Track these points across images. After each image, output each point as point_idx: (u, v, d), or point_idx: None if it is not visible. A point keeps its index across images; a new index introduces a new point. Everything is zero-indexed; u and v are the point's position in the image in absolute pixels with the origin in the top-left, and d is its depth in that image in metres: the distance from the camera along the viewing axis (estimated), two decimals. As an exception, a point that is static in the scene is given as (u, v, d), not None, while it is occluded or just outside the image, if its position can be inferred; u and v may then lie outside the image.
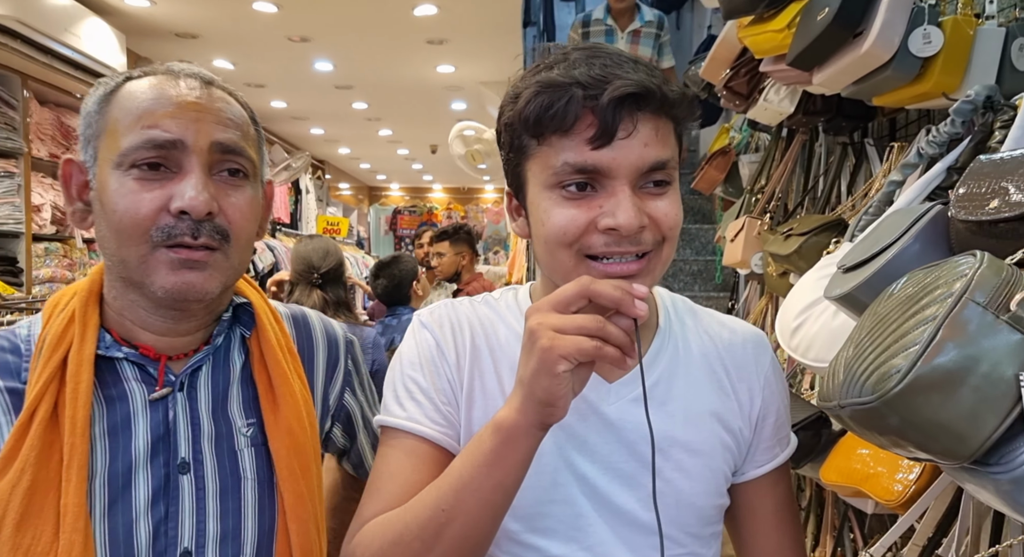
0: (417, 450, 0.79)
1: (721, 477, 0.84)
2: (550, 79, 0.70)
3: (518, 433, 0.67)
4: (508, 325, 0.85)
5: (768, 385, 0.88)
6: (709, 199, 4.63)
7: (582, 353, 0.62)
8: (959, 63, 1.41)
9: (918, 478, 1.34)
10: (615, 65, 0.70)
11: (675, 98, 0.71)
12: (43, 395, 0.77)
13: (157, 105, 0.78)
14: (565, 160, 0.70)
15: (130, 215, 0.77)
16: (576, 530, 0.78)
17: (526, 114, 0.71)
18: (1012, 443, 0.56)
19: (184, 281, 0.79)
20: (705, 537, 0.83)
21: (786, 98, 2.18)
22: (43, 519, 0.74)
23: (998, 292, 0.59)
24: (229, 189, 0.82)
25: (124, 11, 4.19)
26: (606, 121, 0.68)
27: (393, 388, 0.83)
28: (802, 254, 1.84)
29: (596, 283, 0.64)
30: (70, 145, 4.00)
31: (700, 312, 0.92)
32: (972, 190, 0.86)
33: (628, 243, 0.71)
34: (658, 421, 0.78)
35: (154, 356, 0.84)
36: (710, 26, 4.11)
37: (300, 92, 6.31)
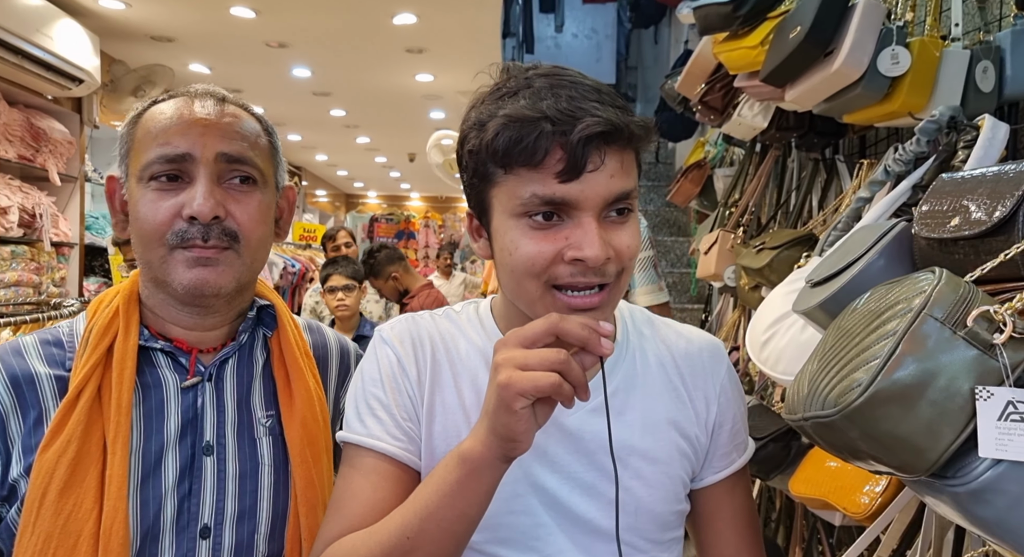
0: (378, 468, 0.79)
1: (679, 484, 0.85)
2: (519, 113, 0.70)
3: (482, 466, 0.68)
4: (469, 339, 0.85)
5: (724, 392, 0.90)
6: (684, 212, 4.67)
7: (538, 391, 0.63)
8: (926, 84, 1.44)
9: (884, 490, 1.36)
10: (581, 97, 0.71)
11: (640, 133, 0.73)
12: (89, 378, 0.87)
13: (170, 124, 0.89)
14: (533, 192, 0.71)
15: (149, 221, 0.88)
16: (536, 540, 0.79)
17: (495, 146, 0.71)
18: (968, 456, 0.57)
19: (199, 277, 0.88)
20: (665, 542, 0.85)
21: (760, 114, 2.21)
22: (84, 488, 0.82)
23: (955, 308, 0.60)
24: (238, 195, 0.91)
25: (98, 13, 4.14)
26: (575, 157, 0.69)
27: (355, 404, 0.83)
28: (773, 268, 1.86)
29: (564, 321, 0.65)
30: (39, 147, 3.93)
31: (657, 322, 0.93)
32: (934, 208, 0.88)
33: (593, 274, 0.72)
34: (616, 430, 0.80)
35: (187, 349, 0.94)
36: (687, 41, 4.16)
37: (277, 98, 6.27)
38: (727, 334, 2.72)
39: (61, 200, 4.19)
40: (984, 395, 0.56)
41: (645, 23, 6.14)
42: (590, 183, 0.70)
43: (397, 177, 12.73)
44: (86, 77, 3.97)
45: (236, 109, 0.94)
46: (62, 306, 2.49)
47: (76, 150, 4.25)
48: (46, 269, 4.00)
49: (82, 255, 4.36)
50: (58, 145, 4.07)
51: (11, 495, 0.85)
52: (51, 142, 4.00)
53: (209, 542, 0.88)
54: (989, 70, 1.41)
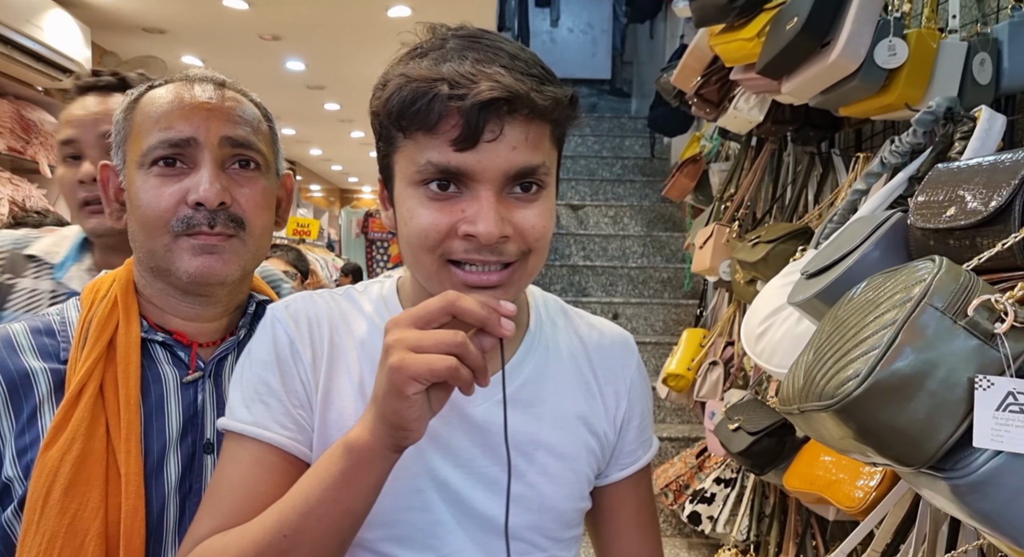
0: (263, 459, 0.72)
1: (584, 480, 0.82)
2: (417, 72, 0.65)
3: (371, 456, 0.63)
4: (370, 321, 0.79)
5: (633, 387, 0.87)
6: (679, 206, 4.67)
7: (433, 374, 0.58)
8: (923, 75, 1.43)
9: (878, 485, 1.36)
10: (488, 60, 0.65)
11: (546, 104, 0.66)
12: (92, 373, 0.84)
13: (172, 108, 0.86)
14: (428, 159, 0.66)
15: (152, 208, 0.85)
16: (434, 538, 0.74)
17: (390, 107, 0.67)
18: (967, 448, 0.56)
19: (205, 265, 0.85)
20: (565, 540, 0.81)
21: (755, 107, 2.20)
22: (90, 486, 0.80)
23: (956, 297, 0.59)
24: (242, 180, 0.89)
25: (89, 3, 4.11)
26: (470, 124, 0.64)
27: (240, 389, 0.76)
28: (769, 262, 1.85)
29: (462, 299, 0.61)
30: (30, 139, 3.89)
31: (571, 313, 0.89)
32: (930, 198, 0.87)
33: (488, 252, 0.67)
34: (524, 423, 0.77)
35: (187, 342, 0.91)
36: (682, 35, 4.15)
37: (271, 91, 6.24)
38: (722, 329, 2.72)
39: (52, 192, 4.15)
40: (984, 384, 0.55)
41: (641, 18, 6.11)
42: (488, 154, 0.65)
43: (392, 172, 12.68)
44: (77, 68, 3.93)
45: (236, 94, 0.92)
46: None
47: (67, 142, 4.22)
48: (37, 262, 3.97)
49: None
50: (49, 137, 4.03)
51: (3, 496, 0.82)
52: (41, 134, 3.96)
53: None
54: (986, 62, 1.41)
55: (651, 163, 5.51)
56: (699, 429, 3.28)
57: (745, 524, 2.37)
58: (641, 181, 5.31)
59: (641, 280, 4.39)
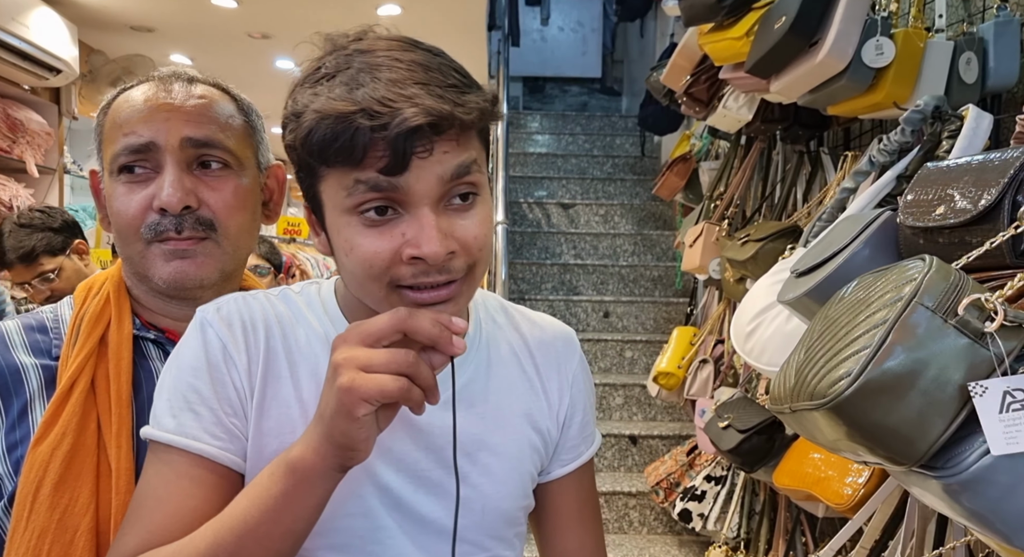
0: (191, 471, 0.68)
1: (528, 479, 0.81)
2: (332, 107, 0.61)
3: (314, 476, 0.61)
4: (308, 325, 0.76)
5: (576, 383, 0.86)
6: (670, 205, 4.68)
7: (385, 396, 0.57)
8: (910, 74, 1.44)
9: (867, 482, 1.37)
10: (403, 79, 0.62)
11: (472, 118, 0.63)
12: (83, 368, 0.83)
13: (133, 112, 0.85)
14: (356, 178, 0.63)
15: (122, 216, 0.85)
16: (375, 544, 0.72)
17: (309, 144, 0.63)
18: (959, 446, 0.56)
19: (178, 270, 0.84)
20: (509, 539, 0.80)
21: (744, 105, 2.21)
22: (81, 481, 0.79)
23: (946, 296, 0.59)
24: (212, 181, 0.86)
25: (77, 2, 4.06)
26: (398, 153, 0.61)
27: (167, 396, 0.71)
28: (758, 260, 1.86)
29: (414, 317, 0.59)
30: (16, 138, 3.86)
31: (511, 309, 0.88)
32: (919, 197, 0.87)
33: (436, 272, 0.65)
34: (468, 424, 0.75)
35: (177, 340, 0.88)
36: (672, 34, 4.15)
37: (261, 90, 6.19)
38: (712, 327, 2.73)
39: (39, 192, 4.12)
40: (978, 390, 0.55)
41: (631, 16, 6.13)
42: (422, 170, 0.62)
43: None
44: (64, 67, 3.89)
45: (206, 89, 0.89)
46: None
47: (54, 141, 4.17)
48: (23, 263, 3.93)
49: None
50: (36, 136, 3.99)
51: None
52: (28, 133, 3.92)
53: None
54: (972, 61, 1.42)
55: (642, 162, 5.52)
56: (689, 427, 3.29)
57: (735, 521, 2.38)
58: (632, 179, 5.32)
59: (632, 278, 4.40)
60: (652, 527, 3.21)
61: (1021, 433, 0.53)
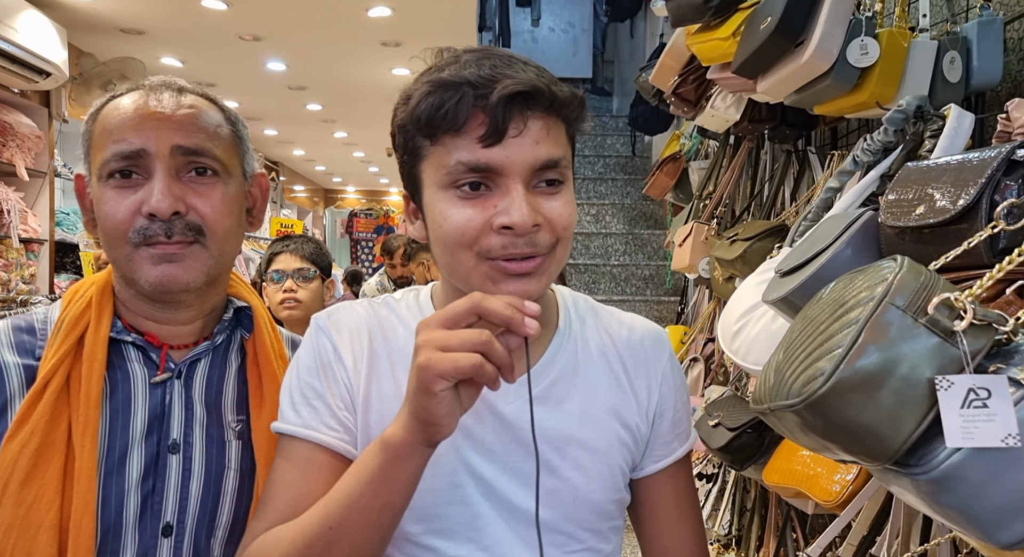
0: (312, 458, 0.78)
1: (619, 473, 0.85)
2: (440, 79, 0.71)
3: (404, 451, 0.66)
4: (407, 326, 0.84)
5: (666, 381, 0.90)
6: (661, 204, 4.69)
7: (459, 372, 0.61)
8: (894, 74, 1.45)
9: (855, 479, 1.38)
10: (504, 65, 0.71)
11: (564, 97, 0.72)
12: (57, 369, 0.86)
13: (124, 119, 0.88)
14: (458, 159, 0.70)
15: (111, 220, 0.87)
16: (474, 530, 0.78)
17: (417, 114, 0.71)
18: (930, 444, 0.57)
19: (165, 273, 0.87)
20: (604, 532, 0.85)
21: (732, 105, 2.22)
22: (46, 479, 0.82)
23: (916, 296, 0.60)
24: (199, 188, 0.89)
25: (65, 5, 4.05)
26: (496, 119, 0.69)
27: (289, 394, 0.82)
28: (746, 259, 1.87)
29: (487, 300, 0.64)
30: (6, 141, 3.84)
31: (601, 310, 0.93)
32: (900, 197, 0.88)
33: (523, 243, 0.71)
34: (556, 420, 0.81)
35: (157, 344, 0.93)
36: (662, 34, 4.16)
37: (252, 92, 6.18)
38: (703, 325, 2.74)
39: (30, 196, 4.11)
40: (944, 385, 0.56)
41: (621, 17, 6.14)
42: (514, 148, 0.70)
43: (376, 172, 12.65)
44: (53, 70, 3.88)
45: (195, 99, 0.92)
46: (30, 303, 2.44)
47: (44, 145, 4.16)
48: (15, 266, 3.92)
49: (52, 252, 4.27)
50: (26, 139, 3.98)
51: None
52: (18, 136, 3.91)
53: (171, 541, 0.88)
54: (956, 61, 1.43)
55: (633, 161, 5.53)
56: (682, 425, 3.29)
57: (727, 518, 2.40)
58: (623, 179, 5.33)
59: (623, 278, 4.41)
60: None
61: (977, 430, 0.54)
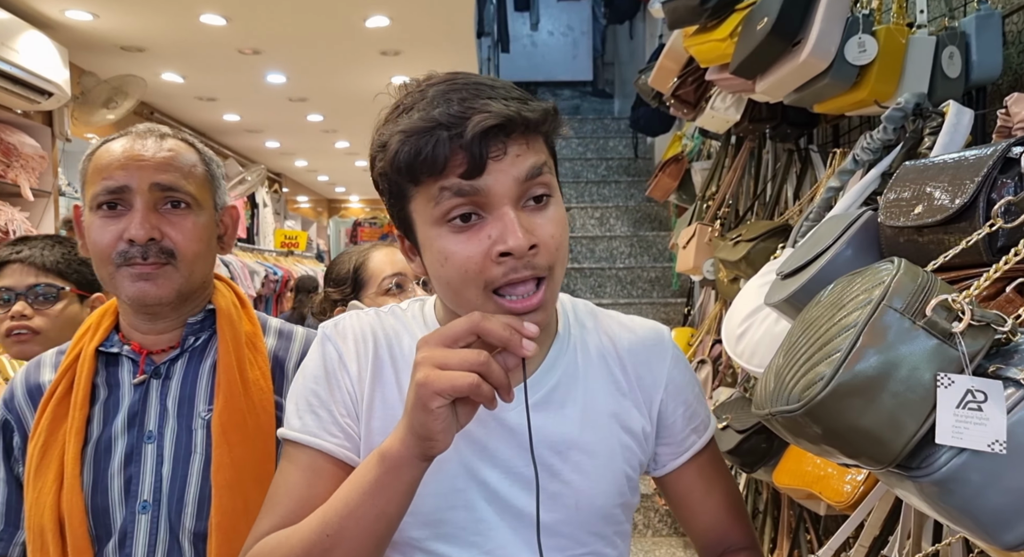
0: (314, 464, 0.80)
1: (622, 477, 0.85)
2: (413, 125, 0.71)
3: (400, 464, 0.68)
4: (413, 335, 0.85)
5: (671, 380, 0.89)
6: (665, 206, 4.68)
7: (456, 390, 0.63)
8: (893, 71, 1.45)
9: (866, 479, 1.37)
10: (472, 96, 0.71)
11: (536, 118, 0.72)
12: (62, 378, 1.06)
13: (112, 160, 1.04)
14: (442, 186, 0.71)
15: (98, 244, 1.03)
16: (477, 535, 0.80)
17: (397, 164, 0.72)
18: (932, 446, 0.57)
19: (141, 289, 1.02)
20: (608, 536, 0.85)
21: (732, 106, 2.22)
22: (49, 468, 1.02)
23: (914, 298, 0.60)
24: (173, 218, 1.05)
25: (66, 24, 4.08)
26: (475, 155, 0.69)
27: (295, 401, 0.84)
28: (750, 260, 1.87)
29: (486, 320, 0.65)
30: (10, 162, 3.87)
31: (600, 314, 0.93)
32: (899, 196, 0.88)
33: (524, 267, 0.72)
34: (557, 424, 0.82)
35: (138, 351, 1.09)
36: (661, 35, 4.17)
37: (253, 105, 6.20)
38: (709, 327, 2.73)
39: (35, 215, 4.13)
40: (945, 382, 0.56)
41: (620, 19, 6.15)
42: (497, 171, 0.71)
43: (378, 180, 12.63)
44: (56, 90, 3.90)
45: (175, 143, 1.09)
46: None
47: (48, 164, 4.18)
48: (22, 286, 3.94)
49: (59, 270, 4.27)
50: (30, 160, 4.00)
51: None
52: (22, 157, 3.93)
53: (148, 516, 1.02)
54: (955, 56, 1.42)
55: (635, 163, 5.53)
56: (692, 427, 3.28)
57: (740, 521, 2.38)
58: (626, 181, 5.33)
59: (629, 280, 4.41)
60: (657, 529, 3.21)
61: (968, 431, 0.54)
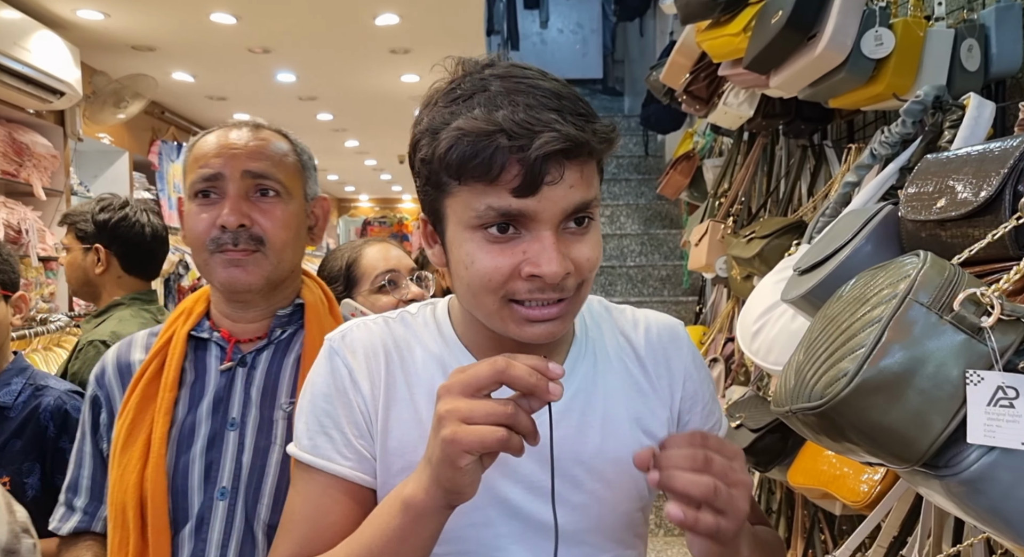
0: (329, 489, 0.78)
1: (643, 481, 0.82)
2: (473, 126, 0.66)
3: (425, 513, 0.67)
4: (425, 347, 0.82)
5: (689, 376, 0.87)
6: (676, 203, 4.66)
7: (485, 447, 0.61)
8: (911, 64, 1.42)
9: (883, 478, 1.35)
10: (540, 106, 0.67)
11: (602, 147, 0.70)
12: (152, 360, 1.09)
13: (208, 150, 1.08)
14: (489, 204, 0.68)
15: (194, 231, 1.07)
16: (497, 551, 0.78)
17: (448, 160, 0.68)
18: (960, 445, 0.55)
19: (231, 275, 1.05)
20: (629, 540, 0.84)
21: (745, 102, 2.19)
22: (135, 447, 1.04)
23: (941, 292, 0.58)
24: (263, 205, 1.07)
25: (77, 24, 4.09)
26: (532, 173, 0.66)
27: (305, 419, 0.81)
28: (764, 257, 1.85)
29: (512, 368, 0.62)
30: (22, 161, 3.89)
31: (614, 311, 0.91)
32: (920, 190, 0.86)
33: (551, 290, 0.70)
34: (579, 432, 0.80)
35: (227, 338, 1.11)
36: (672, 32, 4.14)
37: (263, 104, 6.22)
38: (721, 325, 2.71)
39: (47, 214, 4.15)
40: (975, 379, 0.54)
41: (630, 16, 6.11)
42: (548, 196, 0.67)
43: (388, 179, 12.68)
44: (67, 89, 3.92)
45: (268, 134, 1.12)
46: (49, 321, 2.46)
47: (60, 163, 4.20)
48: (35, 285, 3.97)
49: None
50: (42, 159, 4.02)
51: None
52: (35, 156, 3.95)
53: (225, 503, 1.03)
54: (974, 48, 1.40)
55: (646, 161, 5.50)
56: (704, 426, 3.26)
57: (753, 521, 2.36)
58: (636, 179, 5.30)
59: (640, 279, 4.38)
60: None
61: (1000, 429, 0.52)
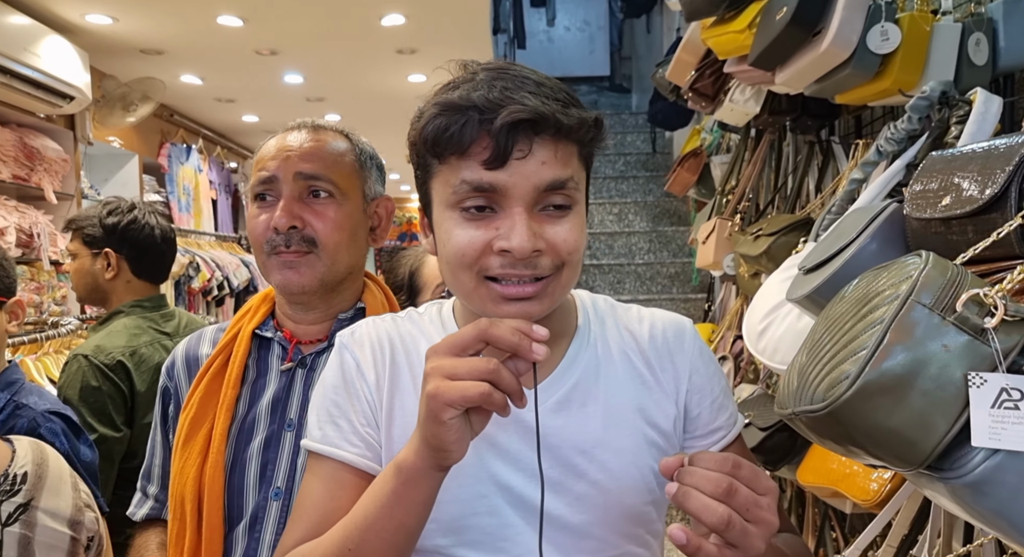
0: (336, 476, 0.80)
1: (650, 473, 0.82)
2: (449, 101, 0.71)
3: (416, 475, 0.68)
4: (430, 340, 0.85)
5: (696, 371, 0.87)
6: (684, 201, 4.64)
7: (467, 400, 0.62)
8: (917, 59, 1.41)
9: (893, 476, 1.34)
10: (516, 88, 0.71)
11: (572, 124, 0.72)
12: (217, 356, 1.11)
13: (267, 153, 1.09)
14: (463, 178, 0.71)
15: (253, 233, 1.08)
16: (503, 540, 0.78)
17: (425, 135, 0.73)
18: (964, 447, 0.54)
19: (285, 277, 1.06)
20: (640, 537, 0.83)
21: (751, 98, 2.18)
22: (197, 440, 1.06)
23: (944, 292, 0.57)
24: (317, 207, 1.07)
25: (86, 29, 4.12)
26: (499, 144, 0.69)
27: (316, 411, 0.84)
28: (771, 255, 1.84)
29: (495, 327, 0.64)
30: (33, 166, 3.91)
31: (620, 309, 0.92)
32: (925, 187, 0.85)
33: (523, 266, 0.72)
34: (580, 423, 0.80)
35: (289, 339, 1.12)
36: (679, 28, 4.12)
37: (271, 106, 6.23)
38: (730, 323, 2.69)
39: (58, 218, 4.17)
40: (977, 382, 0.53)
41: (636, 12, 6.09)
42: (518, 171, 0.70)
43: (396, 179, 12.69)
44: (77, 94, 3.94)
45: (326, 134, 1.11)
46: (60, 325, 2.47)
47: (71, 167, 4.23)
48: (47, 288, 3.99)
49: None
50: (53, 163, 4.05)
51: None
52: (45, 160, 3.98)
53: (280, 503, 1.03)
54: (982, 42, 1.38)
55: (653, 158, 5.48)
56: (714, 424, 3.24)
57: (763, 519, 2.35)
58: (644, 177, 5.29)
59: (648, 276, 4.37)
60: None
61: (1005, 432, 0.51)
